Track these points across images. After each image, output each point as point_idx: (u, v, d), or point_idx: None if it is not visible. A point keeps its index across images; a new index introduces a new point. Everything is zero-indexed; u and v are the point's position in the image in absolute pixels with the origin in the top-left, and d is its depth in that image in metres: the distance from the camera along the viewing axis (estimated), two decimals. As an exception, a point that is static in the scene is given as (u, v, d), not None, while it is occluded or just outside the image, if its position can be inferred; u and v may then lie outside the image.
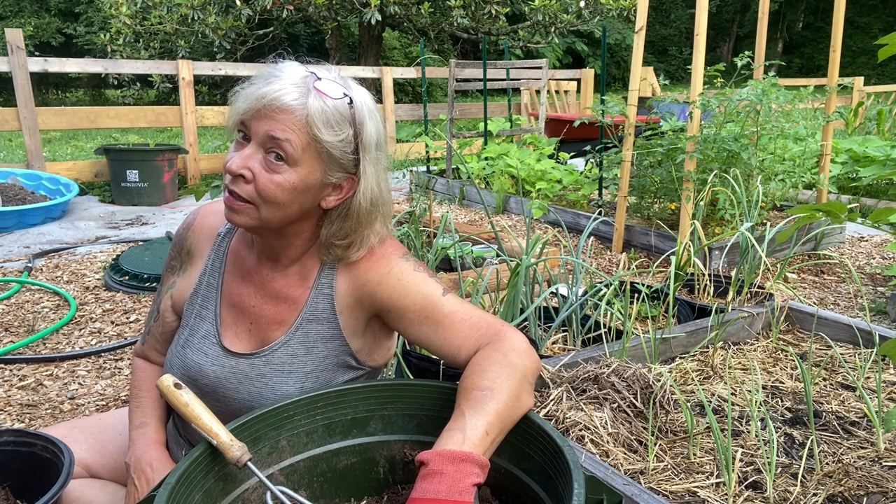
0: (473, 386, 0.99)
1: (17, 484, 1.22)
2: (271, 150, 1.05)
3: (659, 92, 8.39)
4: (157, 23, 10.70)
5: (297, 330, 1.17)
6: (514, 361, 1.03)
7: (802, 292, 3.17)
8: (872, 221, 1.39)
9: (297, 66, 1.09)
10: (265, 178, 1.05)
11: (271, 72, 1.08)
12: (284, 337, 1.17)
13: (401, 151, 8.03)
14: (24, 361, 2.52)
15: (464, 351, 1.08)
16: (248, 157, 1.05)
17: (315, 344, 1.17)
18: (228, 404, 1.16)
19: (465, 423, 0.93)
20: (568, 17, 10.78)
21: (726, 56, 27.57)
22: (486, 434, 0.93)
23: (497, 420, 0.95)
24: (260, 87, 1.05)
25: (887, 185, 5.42)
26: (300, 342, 1.17)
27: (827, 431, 1.72)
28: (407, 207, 4.30)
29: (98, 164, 6.04)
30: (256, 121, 1.04)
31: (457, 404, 0.98)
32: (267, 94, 1.03)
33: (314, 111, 1.04)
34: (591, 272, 2.71)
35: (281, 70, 1.08)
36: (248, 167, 1.05)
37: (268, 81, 1.05)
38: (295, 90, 1.05)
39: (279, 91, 1.04)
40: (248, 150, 1.06)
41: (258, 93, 1.04)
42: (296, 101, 1.04)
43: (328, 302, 1.17)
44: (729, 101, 3.62)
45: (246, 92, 1.07)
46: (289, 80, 1.06)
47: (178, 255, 1.31)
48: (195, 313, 1.23)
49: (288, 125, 1.04)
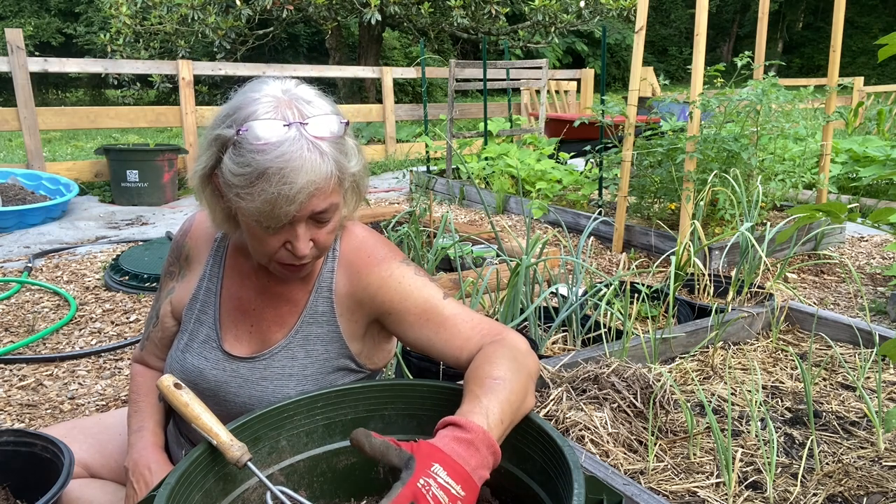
0: (486, 375, 0.97)
1: (17, 484, 1.22)
2: (318, 217, 1.05)
3: (659, 92, 8.39)
4: (157, 23, 10.70)
5: (297, 333, 1.18)
6: (520, 359, 1.03)
7: (802, 292, 3.17)
8: (872, 221, 1.39)
9: (275, 126, 0.99)
10: (323, 234, 1.08)
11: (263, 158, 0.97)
12: (285, 340, 1.17)
13: (401, 151, 8.03)
14: (24, 361, 2.52)
15: (465, 352, 1.08)
16: (305, 235, 1.05)
17: (315, 346, 1.17)
18: (229, 408, 1.16)
19: (484, 407, 0.91)
20: (568, 17, 10.78)
21: (726, 56, 27.57)
22: (500, 422, 0.91)
23: (510, 411, 0.94)
24: (280, 187, 0.97)
25: (887, 185, 5.42)
26: (300, 345, 1.17)
27: (827, 431, 1.72)
28: (407, 207, 4.30)
29: (98, 164, 6.04)
30: (299, 211, 1.01)
31: (468, 390, 0.96)
32: (301, 189, 0.98)
33: (336, 160, 1.02)
34: (591, 272, 2.71)
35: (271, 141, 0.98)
36: (310, 240, 1.07)
37: (281, 175, 0.97)
38: (312, 158, 0.99)
39: (307, 174, 0.98)
40: (300, 230, 1.04)
41: (290, 193, 0.97)
42: (324, 171, 1.00)
43: (328, 305, 1.18)
44: (729, 101, 3.62)
45: (263, 196, 0.98)
46: (296, 152, 0.98)
47: (176, 261, 1.31)
48: (195, 318, 1.23)
49: (327, 192, 1.03)
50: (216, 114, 1.08)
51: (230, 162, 1.01)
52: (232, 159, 1.00)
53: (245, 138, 0.99)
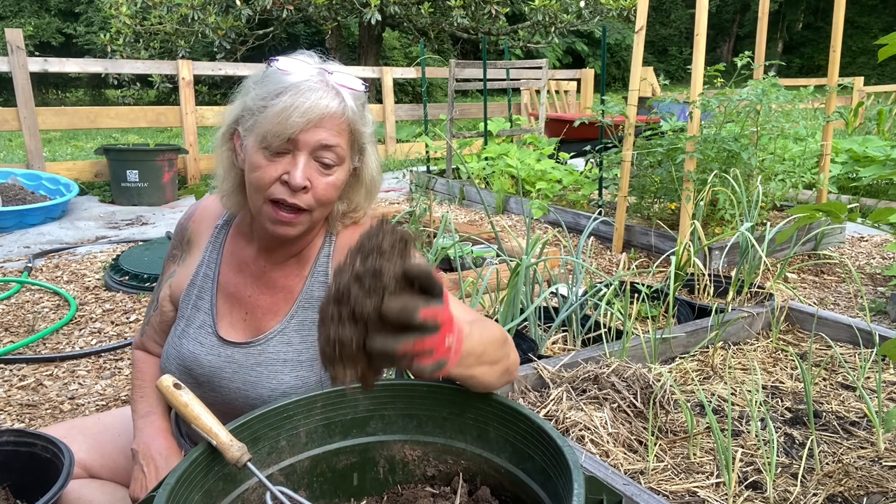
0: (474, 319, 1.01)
1: (17, 484, 1.22)
2: (321, 156, 1.07)
3: (659, 92, 8.39)
4: (157, 23, 10.71)
5: (292, 318, 1.18)
6: (506, 341, 1.04)
7: (802, 292, 3.17)
8: (872, 221, 1.39)
9: (302, 64, 1.09)
10: (322, 183, 1.09)
11: (287, 79, 1.06)
12: (280, 325, 1.18)
13: (401, 151, 8.03)
14: (24, 361, 2.52)
15: None
16: (305, 167, 1.06)
17: (310, 332, 1.18)
18: (224, 394, 1.17)
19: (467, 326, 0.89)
20: (568, 17, 10.79)
21: (726, 56, 27.58)
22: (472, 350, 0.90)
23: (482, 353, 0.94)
24: (294, 98, 1.04)
25: (887, 185, 5.42)
26: (295, 330, 1.18)
27: (827, 431, 1.72)
28: (407, 207, 4.31)
29: (98, 164, 6.04)
30: (305, 132, 1.05)
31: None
32: (312, 106, 1.04)
33: (353, 110, 1.09)
34: (591, 272, 2.71)
35: (295, 72, 1.07)
36: (307, 178, 1.07)
37: (298, 90, 1.04)
38: (330, 93, 1.06)
39: (321, 98, 1.04)
40: (301, 160, 1.06)
41: (302, 106, 1.03)
42: (338, 106, 1.06)
43: (323, 290, 1.19)
44: (729, 101, 3.62)
45: (277, 107, 1.04)
46: (316, 83, 1.06)
47: (179, 244, 1.32)
48: (192, 304, 1.24)
49: (336, 130, 1.07)
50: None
51: (256, 90, 1.09)
52: (259, 86, 1.09)
53: (273, 69, 1.09)
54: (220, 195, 1.19)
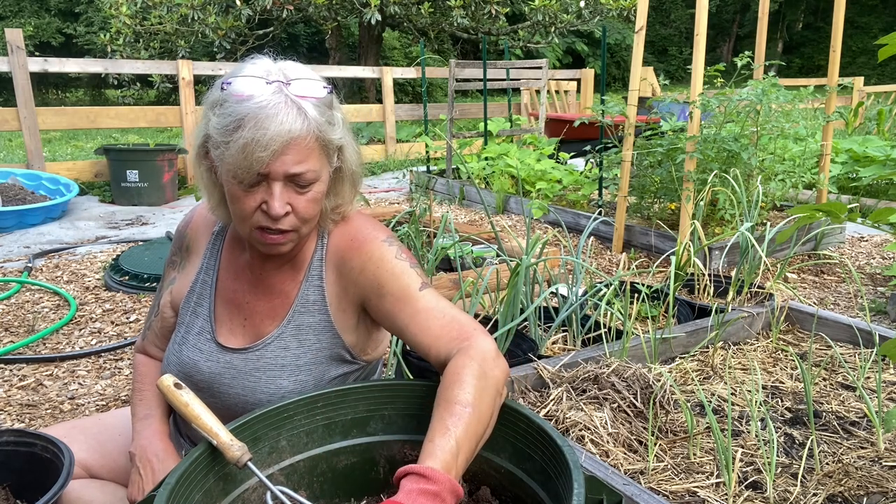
0: (455, 399, 0.96)
1: (17, 484, 1.22)
2: (295, 180, 1.05)
3: (659, 92, 8.39)
4: (157, 23, 10.70)
5: (288, 323, 1.18)
6: (489, 374, 1.01)
7: (802, 292, 3.17)
8: (872, 221, 1.39)
9: (256, 83, 1.03)
10: (302, 202, 1.07)
11: (243, 107, 1.01)
12: (277, 330, 1.18)
13: (401, 151, 8.03)
14: (24, 361, 2.52)
15: (433, 350, 1.07)
16: (281, 195, 1.05)
17: (307, 336, 1.18)
18: (224, 399, 1.17)
19: (454, 446, 0.90)
20: (568, 17, 10.79)
21: (726, 56, 27.57)
22: (466, 462, 0.92)
23: (476, 446, 0.95)
24: (255, 132, 0.99)
25: (887, 185, 5.42)
26: (292, 335, 1.18)
27: (827, 431, 1.72)
28: (407, 207, 4.31)
29: (98, 164, 6.04)
30: (273, 163, 1.02)
31: (438, 415, 0.95)
32: (274, 136, 0.99)
33: (317, 122, 1.04)
34: (591, 272, 2.71)
35: (251, 95, 1.01)
36: (287, 203, 1.06)
37: (257, 120, 0.99)
38: (291, 112, 1.01)
39: (282, 123, 1.00)
40: (276, 188, 1.04)
41: (263, 139, 0.99)
42: (301, 125, 1.02)
43: (319, 294, 1.19)
44: (729, 101, 3.62)
45: (238, 143, 1.00)
46: (274, 105, 1.00)
47: (178, 251, 1.33)
48: (191, 310, 1.25)
49: (305, 153, 1.03)
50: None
51: (215, 119, 1.05)
52: (217, 115, 1.05)
53: (229, 93, 1.04)
54: (209, 208, 1.19)
